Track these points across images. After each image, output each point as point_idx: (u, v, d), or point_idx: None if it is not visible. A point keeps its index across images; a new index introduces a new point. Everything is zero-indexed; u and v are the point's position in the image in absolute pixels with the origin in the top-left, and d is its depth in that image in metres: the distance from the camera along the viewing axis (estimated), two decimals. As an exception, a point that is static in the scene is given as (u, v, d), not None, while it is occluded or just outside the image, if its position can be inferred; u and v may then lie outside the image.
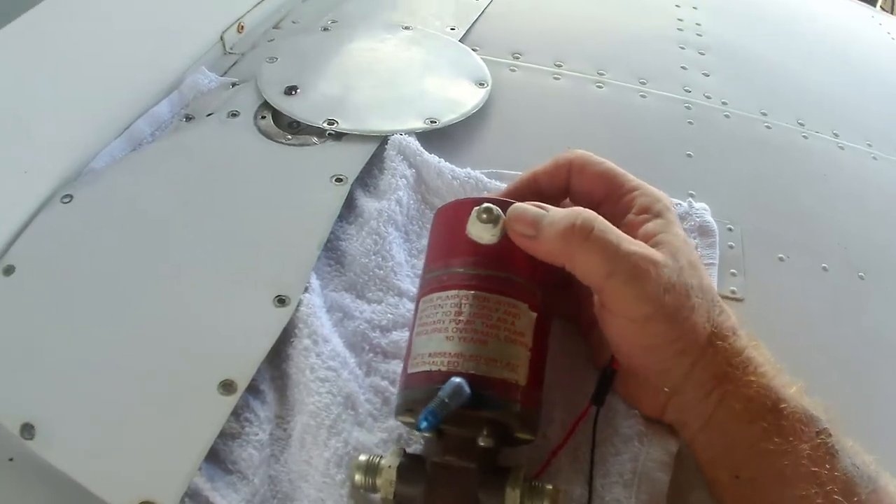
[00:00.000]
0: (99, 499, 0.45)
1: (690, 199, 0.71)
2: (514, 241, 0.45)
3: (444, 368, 0.42)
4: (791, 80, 1.01)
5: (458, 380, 0.40)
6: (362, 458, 0.45)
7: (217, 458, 0.48)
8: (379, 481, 0.44)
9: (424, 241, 0.63)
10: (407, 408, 0.45)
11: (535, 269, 0.46)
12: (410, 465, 0.44)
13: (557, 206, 0.46)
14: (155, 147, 0.70)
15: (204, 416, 0.48)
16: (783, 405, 0.44)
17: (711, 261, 0.66)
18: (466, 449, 0.43)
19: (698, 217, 0.68)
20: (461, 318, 0.44)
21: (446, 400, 0.40)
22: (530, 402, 0.44)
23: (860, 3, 1.52)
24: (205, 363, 0.51)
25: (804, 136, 0.89)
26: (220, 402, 0.49)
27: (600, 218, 0.43)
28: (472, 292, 0.45)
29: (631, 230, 0.46)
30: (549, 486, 0.42)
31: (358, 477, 0.44)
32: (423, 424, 0.39)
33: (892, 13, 3.08)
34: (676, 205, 0.69)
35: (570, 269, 0.44)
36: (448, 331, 0.44)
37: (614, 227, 0.43)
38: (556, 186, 0.52)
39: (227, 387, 0.50)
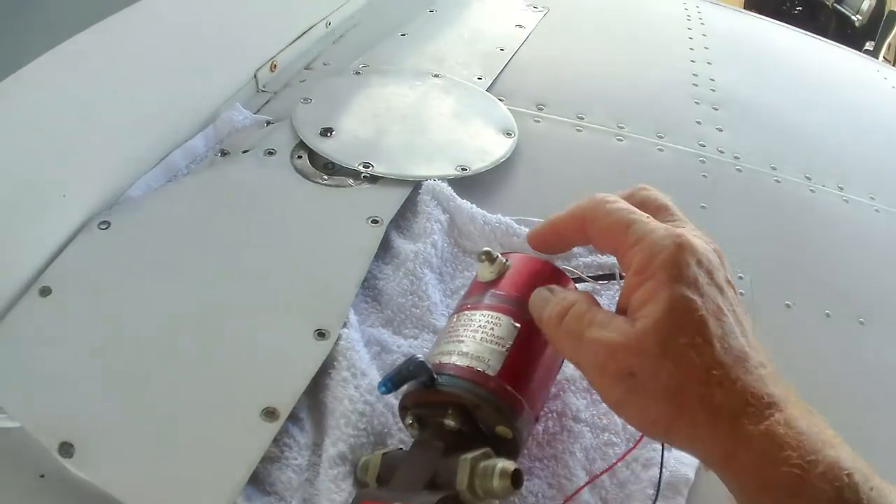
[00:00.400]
0: None
1: None
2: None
3: (420, 357, 0.47)
4: (799, 134, 1.05)
5: (419, 357, 0.47)
6: (364, 458, 0.50)
7: (256, 480, 0.49)
8: (368, 469, 0.48)
9: (458, 282, 0.66)
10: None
11: (524, 292, 0.50)
12: (393, 453, 0.49)
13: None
14: (192, 179, 0.71)
15: (247, 441, 0.50)
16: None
17: None
18: (436, 431, 0.47)
19: None
20: (451, 327, 0.51)
21: (405, 371, 0.46)
22: (500, 392, 0.46)
23: (864, 56, 1.57)
24: (249, 390, 0.53)
25: (811, 190, 0.92)
26: (264, 427, 0.51)
27: (580, 303, 0.45)
28: (462, 312, 0.51)
29: (627, 294, 0.44)
30: (506, 464, 0.43)
31: (359, 472, 0.49)
32: (382, 388, 0.47)
33: (893, 64, 3.17)
34: None
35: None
36: (440, 339, 0.51)
37: (591, 311, 0.44)
38: (576, 234, 0.51)
39: (269, 414, 0.51)
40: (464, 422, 0.46)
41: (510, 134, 0.81)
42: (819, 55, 1.44)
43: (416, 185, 0.71)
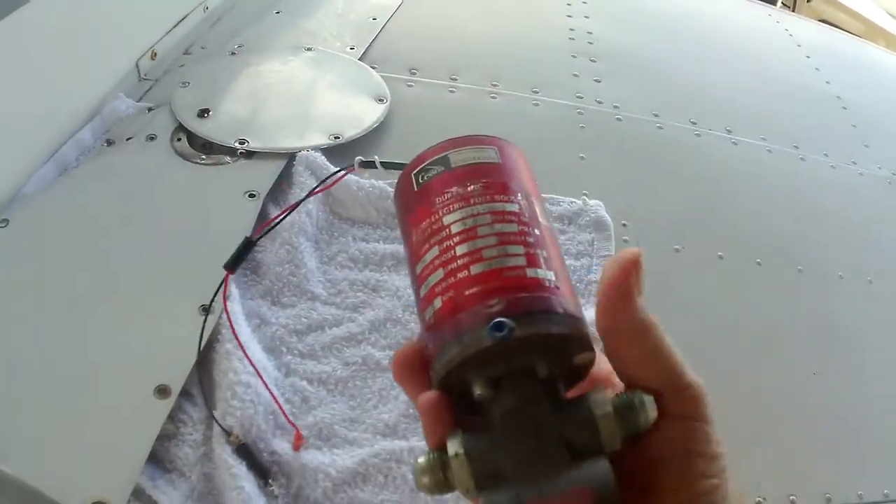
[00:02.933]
0: (53, 502, 0.49)
1: (584, 196, 0.78)
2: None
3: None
4: (684, 81, 1.09)
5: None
6: (421, 460, 0.37)
7: (156, 458, 0.53)
8: (452, 474, 0.36)
9: (334, 248, 0.70)
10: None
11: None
12: (477, 442, 0.36)
13: None
14: (80, 171, 0.75)
15: (143, 420, 0.54)
16: None
17: (608, 253, 0.73)
18: (520, 387, 0.36)
19: (593, 213, 0.75)
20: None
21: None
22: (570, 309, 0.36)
23: (759, 2, 1.60)
24: (141, 371, 0.57)
25: (696, 135, 0.97)
26: (157, 405, 0.55)
27: None
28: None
29: None
30: (640, 393, 0.35)
31: (426, 480, 0.37)
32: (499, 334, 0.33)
33: (792, 10, 3.22)
34: (570, 202, 0.76)
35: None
36: None
37: None
38: None
39: (162, 391, 0.55)
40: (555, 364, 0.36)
41: (382, 100, 0.86)
42: (706, 3, 1.46)
43: (291, 157, 0.76)
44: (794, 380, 0.72)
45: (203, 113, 0.80)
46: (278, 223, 0.66)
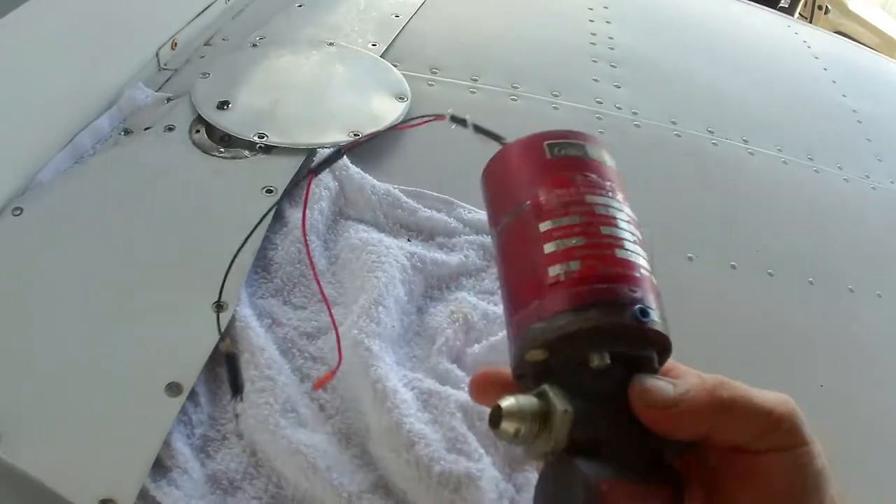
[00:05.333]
0: (61, 499, 0.49)
1: None
2: (645, 417, 0.37)
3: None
4: (702, 89, 1.09)
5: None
6: (511, 401, 0.37)
7: (159, 457, 0.52)
8: (551, 426, 0.36)
9: (339, 247, 0.69)
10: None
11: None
12: (583, 406, 0.37)
13: None
14: (97, 160, 0.75)
15: (154, 417, 0.53)
16: None
17: None
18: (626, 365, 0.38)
19: None
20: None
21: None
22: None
23: (777, 13, 1.61)
24: (152, 367, 0.56)
25: (714, 143, 0.97)
26: (168, 403, 0.54)
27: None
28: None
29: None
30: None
31: (513, 426, 0.37)
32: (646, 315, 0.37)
33: (809, 21, 3.22)
34: None
35: (718, 432, 0.38)
36: None
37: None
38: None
39: (173, 388, 0.55)
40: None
41: (403, 98, 0.86)
42: (726, 12, 1.46)
43: (310, 153, 0.75)
44: (802, 392, 0.71)
45: (223, 105, 0.79)
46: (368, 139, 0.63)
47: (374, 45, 0.96)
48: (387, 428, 0.54)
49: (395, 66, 0.92)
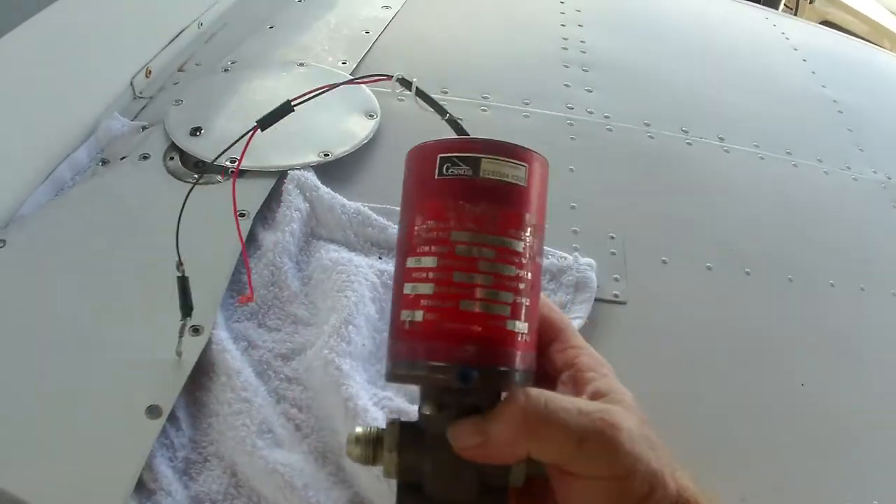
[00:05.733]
0: None
1: (577, 253, 0.75)
2: (465, 455, 0.40)
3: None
4: (676, 88, 1.09)
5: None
6: (359, 430, 0.43)
7: (141, 479, 0.54)
8: (381, 453, 0.42)
9: (311, 268, 0.70)
10: None
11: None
12: (412, 442, 0.41)
13: None
14: (76, 192, 0.77)
15: (135, 440, 0.55)
16: None
17: (578, 316, 0.69)
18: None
19: (579, 273, 0.72)
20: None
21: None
22: (528, 363, 0.41)
23: (759, 6, 1.59)
24: (132, 391, 0.58)
25: (688, 143, 0.97)
26: (148, 425, 0.56)
27: (544, 392, 0.40)
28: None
29: (577, 386, 0.44)
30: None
31: (357, 451, 0.42)
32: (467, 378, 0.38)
33: (795, 12, 3.20)
34: (561, 258, 0.74)
35: (535, 454, 0.40)
36: None
37: (559, 395, 0.41)
38: None
39: (153, 411, 0.57)
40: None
41: (372, 115, 0.87)
42: (701, 8, 1.46)
43: (281, 175, 0.77)
44: (783, 391, 0.72)
45: (195, 131, 0.81)
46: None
47: (344, 62, 0.98)
48: None
49: (364, 83, 0.93)
